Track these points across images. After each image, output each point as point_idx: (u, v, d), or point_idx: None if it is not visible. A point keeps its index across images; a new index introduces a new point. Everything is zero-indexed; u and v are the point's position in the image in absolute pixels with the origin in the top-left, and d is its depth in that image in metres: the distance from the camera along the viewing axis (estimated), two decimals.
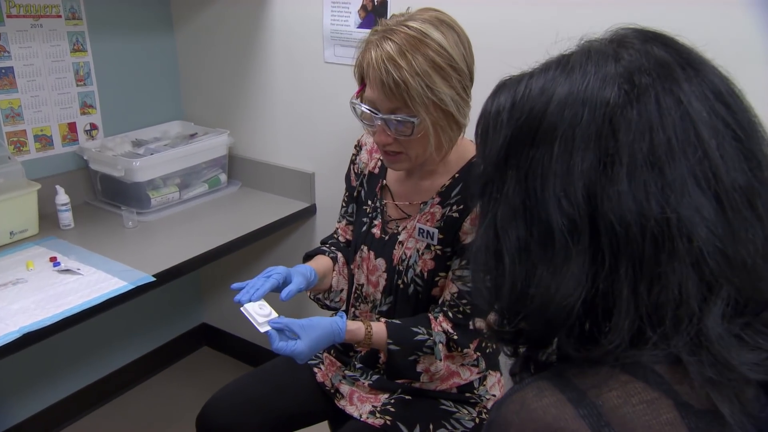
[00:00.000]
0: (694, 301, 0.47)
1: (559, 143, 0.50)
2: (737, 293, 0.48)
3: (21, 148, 1.69)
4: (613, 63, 0.51)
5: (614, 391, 0.48)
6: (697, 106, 0.49)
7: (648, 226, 0.47)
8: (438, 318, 1.12)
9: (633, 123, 0.48)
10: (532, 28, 1.35)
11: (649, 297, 0.48)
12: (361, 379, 1.25)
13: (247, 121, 1.97)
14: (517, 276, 0.53)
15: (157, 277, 1.41)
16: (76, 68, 1.78)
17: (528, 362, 0.57)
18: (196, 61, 2.03)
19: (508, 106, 0.55)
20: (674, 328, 0.48)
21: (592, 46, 0.54)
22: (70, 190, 1.67)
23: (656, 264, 0.48)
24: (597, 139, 0.49)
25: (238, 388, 1.27)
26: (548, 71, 0.54)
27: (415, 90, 0.98)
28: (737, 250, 0.48)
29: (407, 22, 1.01)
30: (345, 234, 1.34)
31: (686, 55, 0.52)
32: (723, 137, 0.49)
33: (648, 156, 0.48)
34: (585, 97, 0.50)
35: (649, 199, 0.47)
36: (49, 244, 1.55)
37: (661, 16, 1.20)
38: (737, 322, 0.49)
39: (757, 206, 0.49)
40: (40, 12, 1.66)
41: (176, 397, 2.12)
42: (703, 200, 0.47)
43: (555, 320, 0.51)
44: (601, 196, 0.49)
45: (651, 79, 0.49)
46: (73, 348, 1.94)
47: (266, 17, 1.80)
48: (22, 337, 1.16)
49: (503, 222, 0.54)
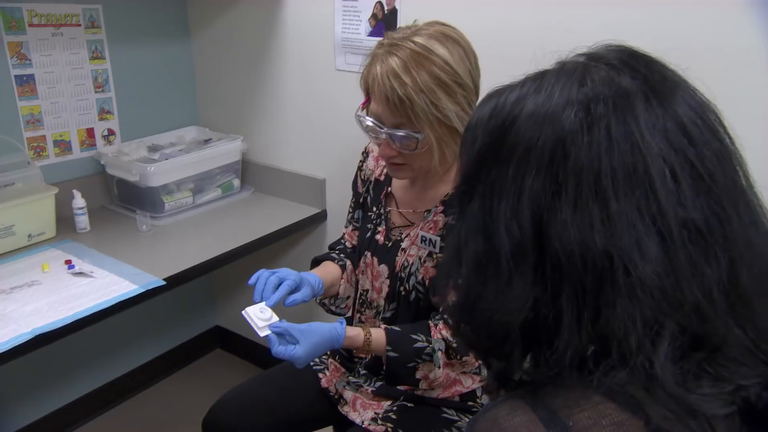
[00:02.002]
0: (635, 336, 0.47)
1: (515, 163, 0.51)
2: (681, 332, 0.47)
3: (41, 153, 1.74)
4: (577, 87, 0.51)
5: (585, 412, 0.48)
6: (649, 139, 0.48)
7: (589, 257, 0.47)
8: (438, 325, 1.12)
9: (582, 152, 0.48)
10: (540, 35, 1.35)
11: (594, 328, 0.48)
12: (365, 386, 1.26)
13: (261, 127, 2.00)
14: (471, 287, 0.55)
15: (168, 281, 1.43)
16: (95, 75, 1.82)
17: (503, 380, 0.58)
18: (211, 68, 2.06)
19: (485, 118, 0.55)
20: (621, 361, 0.47)
21: (565, 65, 0.54)
22: (87, 194, 1.71)
23: (598, 296, 0.47)
24: (549, 163, 0.49)
25: (244, 391, 1.29)
26: (524, 85, 0.54)
27: (419, 107, 0.98)
28: (679, 288, 0.47)
29: (413, 36, 1.01)
30: (351, 240, 1.35)
31: (655, 84, 0.51)
32: (678, 172, 0.47)
33: (594, 186, 0.47)
34: (546, 118, 0.50)
35: (592, 231, 0.47)
36: (65, 247, 1.59)
37: (663, 23, 1.20)
38: (693, 357, 0.48)
39: (712, 244, 0.47)
40: (60, 21, 1.71)
41: (189, 399, 2.15)
42: (644, 236, 0.47)
43: (496, 336, 0.53)
44: (547, 222, 0.49)
45: (606, 108, 0.49)
46: (86, 349, 1.98)
47: (279, 25, 1.82)
48: (34, 338, 1.19)
49: (466, 235, 0.55)
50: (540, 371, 0.51)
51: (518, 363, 0.53)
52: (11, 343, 1.16)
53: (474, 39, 1.11)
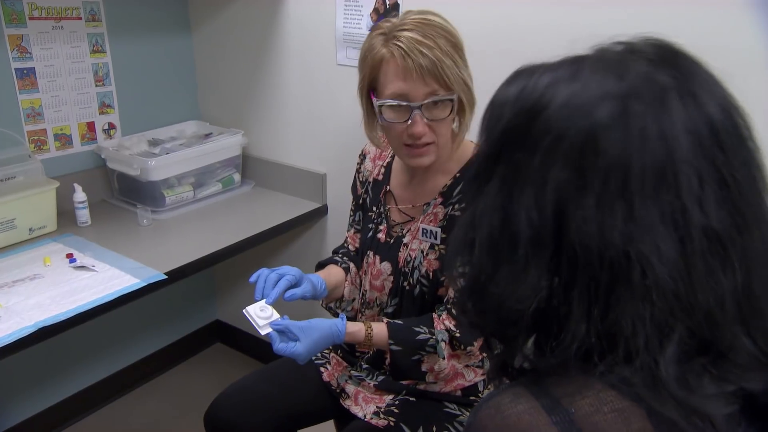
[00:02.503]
0: (644, 335, 0.47)
1: (542, 153, 0.50)
2: (690, 337, 0.47)
3: (41, 146, 1.74)
4: (615, 80, 0.49)
5: (587, 399, 0.48)
6: (684, 144, 0.47)
7: (607, 255, 0.47)
8: (441, 316, 1.12)
9: (614, 148, 0.47)
10: (539, 32, 1.35)
11: (602, 324, 0.48)
12: (367, 380, 1.26)
13: (261, 121, 2.00)
14: (483, 269, 0.54)
15: (169, 275, 1.43)
16: (96, 69, 1.82)
17: (504, 368, 0.58)
18: (212, 62, 2.06)
19: (512, 98, 0.54)
20: (625, 359, 0.48)
21: (606, 54, 0.53)
22: (88, 188, 1.71)
23: (610, 293, 0.48)
24: (578, 157, 0.48)
25: (246, 385, 1.29)
26: (558, 69, 0.53)
27: (449, 67, 1.01)
28: (692, 293, 0.47)
29: (407, 17, 1.05)
30: (354, 242, 1.36)
31: (693, 85, 0.50)
32: (705, 179, 0.47)
33: (621, 185, 0.47)
34: (578, 110, 0.49)
35: (612, 230, 0.47)
36: (67, 241, 1.59)
37: (664, 20, 1.20)
38: (697, 361, 0.48)
39: (730, 254, 0.47)
40: (61, 14, 1.70)
41: (189, 393, 2.15)
42: (666, 240, 0.46)
43: (506, 321, 0.53)
44: (568, 216, 0.48)
45: (644, 107, 0.48)
46: (86, 343, 1.99)
47: (280, 19, 1.82)
48: (37, 332, 1.20)
49: (481, 214, 0.54)
50: (543, 360, 0.51)
51: (520, 347, 0.54)
52: (14, 337, 1.17)
53: (473, 34, 1.11)
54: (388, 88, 1.05)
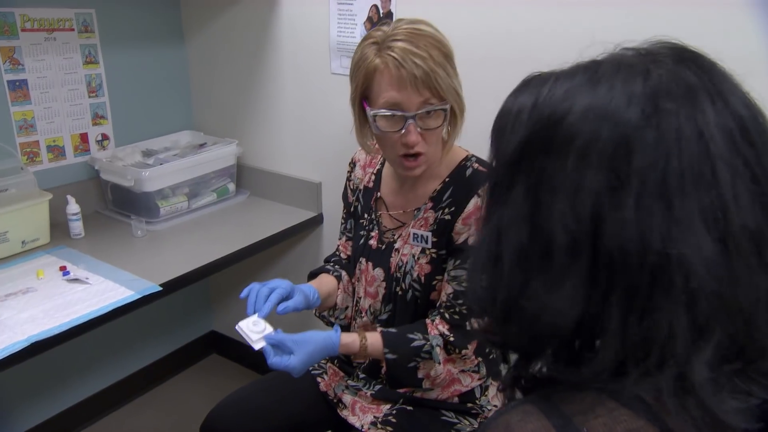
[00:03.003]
0: (682, 342, 0.45)
1: (572, 158, 0.48)
2: (729, 341, 0.46)
3: (34, 158, 1.73)
4: (641, 81, 0.48)
5: (600, 419, 0.46)
6: (719, 141, 0.46)
7: (647, 258, 0.45)
8: (435, 321, 1.12)
9: (650, 148, 0.46)
10: (534, 39, 1.36)
11: (639, 330, 0.46)
12: (364, 390, 1.25)
13: (256, 131, 1.99)
14: (513, 283, 0.52)
15: (164, 286, 1.42)
16: (89, 80, 1.81)
17: (518, 379, 0.56)
18: (206, 72, 2.05)
19: (528, 106, 0.52)
20: (658, 366, 0.46)
21: (624, 58, 0.51)
22: (81, 200, 1.70)
23: (649, 297, 0.46)
24: (611, 159, 0.47)
25: (242, 396, 1.28)
26: (575, 76, 0.51)
27: (441, 77, 1.02)
28: (735, 295, 0.45)
29: (399, 25, 1.05)
30: (346, 250, 1.36)
31: (718, 83, 0.49)
32: (740, 177, 0.46)
33: (659, 186, 0.45)
34: (607, 113, 0.47)
35: (652, 231, 0.45)
36: (60, 253, 1.57)
37: (667, 23, 1.21)
38: (727, 368, 0.47)
39: (765, 254, 0.46)
40: (53, 26, 1.70)
41: (185, 405, 2.13)
42: (707, 240, 0.45)
43: (541, 336, 0.50)
44: (606, 219, 0.46)
45: (676, 105, 0.46)
46: (82, 356, 1.97)
47: (274, 29, 1.82)
48: (30, 346, 1.18)
49: (507, 226, 0.52)
50: (576, 373, 0.49)
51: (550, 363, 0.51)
52: (6, 351, 1.15)
53: (467, 42, 1.11)
54: (381, 98, 1.04)
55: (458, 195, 1.12)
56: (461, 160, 1.16)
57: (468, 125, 1.15)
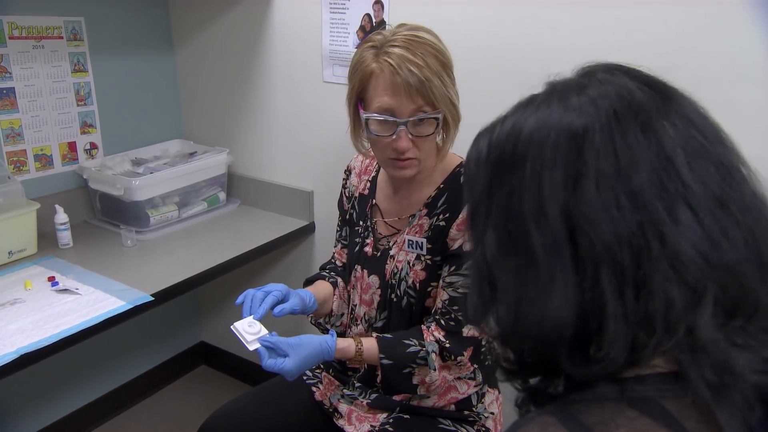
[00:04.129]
0: (680, 304, 0.47)
1: (530, 164, 0.52)
2: (723, 294, 0.48)
3: (21, 167, 1.70)
4: (576, 95, 0.53)
5: (622, 429, 0.47)
6: (658, 122, 0.50)
7: (622, 233, 0.48)
8: (430, 327, 1.12)
9: (596, 140, 0.50)
10: (528, 49, 1.37)
11: (637, 304, 0.48)
12: (360, 398, 1.24)
13: (247, 139, 1.98)
14: (511, 299, 0.54)
15: (156, 296, 1.40)
16: (77, 88, 1.79)
17: (535, 395, 0.57)
18: (196, 80, 2.04)
19: (485, 147, 0.57)
20: (667, 333, 0.48)
21: (557, 83, 0.57)
22: (70, 209, 1.67)
23: (636, 270, 0.48)
24: (564, 156, 0.51)
25: (237, 407, 1.27)
26: (518, 110, 0.56)
27: (436, 86, 1.02)
28: (715, 249, 0.48)
29: (399, 31, 1.05)
30: (341, 258, 1.35)
31: (648, 80, 0.53)
32: (689, 147, 0.50)
33: (613, 167, 0.49)
34: (551, 124, 0.52)
35: (619, 207, 0.48)
36: (48, 264, 1.55)
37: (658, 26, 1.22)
38: (731, 325, 0.48)
39: (731, 210, 0.49)
40: (42, 33, 1.68)
41: (174, 417, 2.10)
42: (672, 203, 0.48)
43: (551, 337, 0.51)
44: (574, 210, 0.49)
45: (611, 101, 0.51)
46: (68, 368, 1.93)
47: (266, 37, 1.82)
48: (19, 358, 1.16)
49: (492, 249, 0.55)
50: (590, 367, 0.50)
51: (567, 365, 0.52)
52: None
53: (461, 50, 1.12)
54: (375, 102, 1.05)
55: (453, 201, 1.13)
56: (456, 166, 1.17)
57: (463, 132, 1.15)
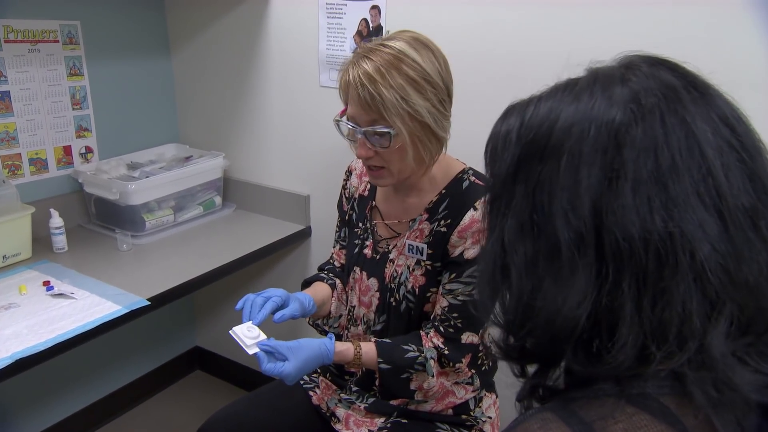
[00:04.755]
0: (698, 318, 0.47)
1: (566, 158, 0.51)
2: (740, 312, 0.48)
3: (15, 171, 1.69)
4: (620, 85, 0.51)
5: (620, 424, 0.47)
6: (701, 126, 0.49)
7: (651, 241, 0.47)
8: (429, 334, 1.12)
9: (638, 140, 0.49)
10: (524, 54, 1.38)
11: (653, 313, 0.48)
12: (357, 403, 1.24)
13: (243, 143, 1.98)
14: (524, 289, 0.53)
15: (152, 300, 1.40)
16: (73, 92, 1.79)
17: (535, 388, 0.57)
18: (192, 84, 2.04)
19: (516, 126, 0.55)
20: (678, 345, 0.47)
21: (600, 70, 0.55)
22: (65, 214, 1.67)
23: (659, 279, 0.47)
24: (603, 154, 0.49)
25: (233, 411, 1.26)
26: (556, 94, 0.55)
27: (389, 101, 1.01)
28: (740, 268, 0.47)
29: (385, 42, 1.05)
30: (339, 258, 1.35)
31: (692, 79, 0.52)
32: (727, 158, 0.49)
33: (652, 172, 0.48)
34: (592, 116, 0.51)
35: (652, 214, 0.47)
36: (43, 268, 1.54)
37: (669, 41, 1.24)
38: (741, 342, 0.48)
39: (761, 227, 0.49)
40: (37, 37, 1.68)
41: (169, 422, 2.09)
42: (706, 217, 0.47)
43: (561, 333, 0.51)
44: (606, 210, 0.49)
45: (657, 99, 0.50)
46: (64, 373, 1.91)
47: (262, 41, 1.82)
48: (14, 363, 1.15)
49: (511, 236, 0.54)
50: (599, 366, 0.49)
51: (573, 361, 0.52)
52: None
53: (458, 54, 1.12)
54: (347, 109, 1.09)
55: (454, 208, 1.13)
56: (458, 172, 1.17)
57: (461, 136, 1.16)
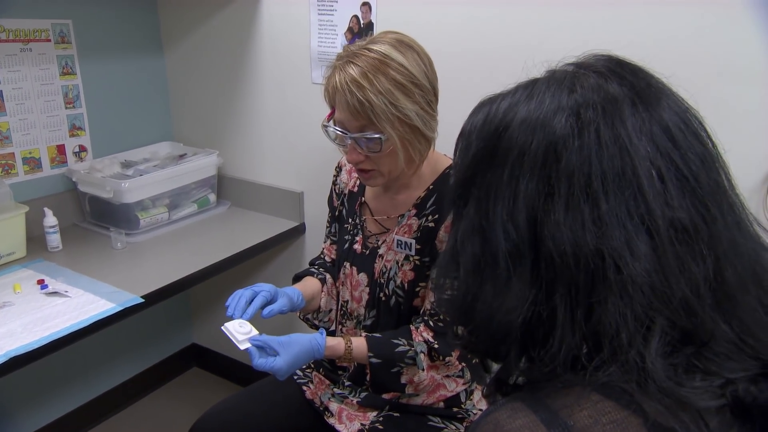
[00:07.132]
0: (626, 332, 0.48)
1: (509, 167, 0.53)
2: (672, 327, 0.49)
3: (9, 170, 1.70)
4: (567, 94, 0.53)
5: (585, 411, 0.49)
6: (636, 142, 0.50)
7: (581, 256, 0.49)
8: (419, 328, 1.13)
9: (574, 155, 0.50)
10: (514, 51, 1.39)
11: (587, 325, 0.50)
12: (350, 397, 1.25)
13: (236, 141, 1.99)
14: (469, 289, 0.56)
15: (146, 298, 1.41)
16: (65, 91, 1.79)
17: (500, 385, 0.59)
18: (185, 82, 2.05)
19: (479, 125, 0.57)
20: (612, 357, 0.49)
21: (555, 74, 0.57)
22: (59, 212, 1.67)
23: (590, 293, 0.49)
24: (542, 168, 0.51)
25: (228, 407, 1.27)
26: (516, 93, 0.57)
27: (379, 107, 1.01)
28: (668, 284, 0.48)
29: (369, 45, 1.05)
30: (330, 254, 1.36)
31: (641, 91, 0.53)
32: (664, 173, 0.50)
33: (585, 188, 0.50)
34: (537, 123, 0.53)
35: (584, 230, 0.49)
36: (37, 267, 1.54)
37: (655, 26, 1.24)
38: (684, 352, 0.49)
39: (698, 242, 0.49)
40: (29, 36, 1.68)
41: (166, 419, 2.10)
42: (634, 235, 0.49)
43: (497, 335, 0.54)
44: (541, 224, 0.51)
45: (596, 114, 0.51)
46: (59, 371, 1.92)
47: (254, 39, 1.82)
48: (8, 362, 1.16)
49: (463, 237, 0.57)
50: (535, 369, 0.52)
51: (515, 363, 0.55)
52: None
53: (446, 52, 1.12)
54: (335, 113, 1.09)
55: (442, 203, 1.14)
56: (445, 168, 1.18)
57: (450, 133, 1.16)
